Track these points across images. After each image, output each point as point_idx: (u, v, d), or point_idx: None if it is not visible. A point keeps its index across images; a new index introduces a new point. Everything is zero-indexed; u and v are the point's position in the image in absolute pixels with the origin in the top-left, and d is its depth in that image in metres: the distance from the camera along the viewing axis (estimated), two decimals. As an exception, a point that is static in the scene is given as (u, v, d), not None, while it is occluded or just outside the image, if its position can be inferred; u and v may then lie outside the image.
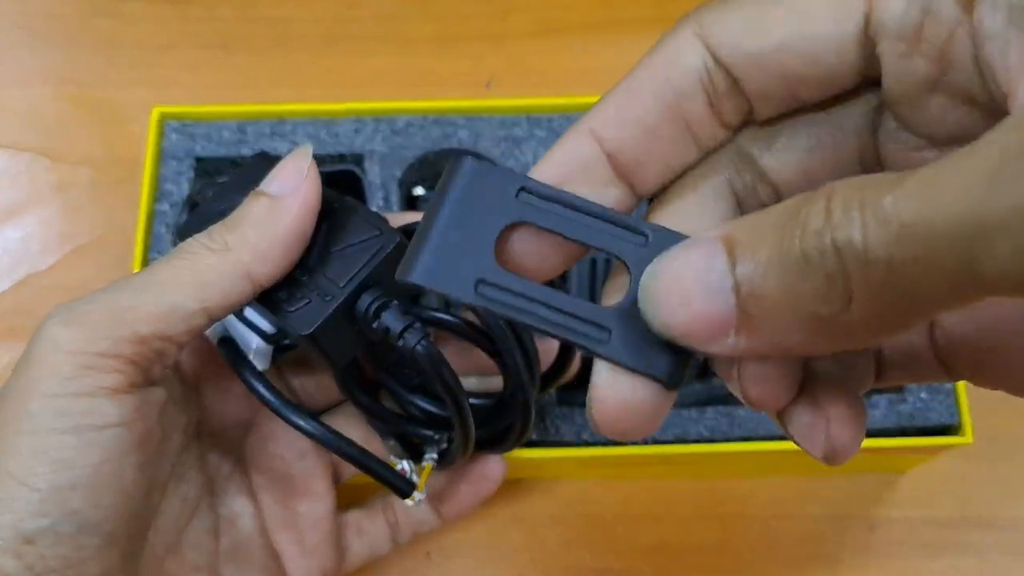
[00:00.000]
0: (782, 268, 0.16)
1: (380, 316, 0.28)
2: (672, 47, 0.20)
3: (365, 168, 0.41)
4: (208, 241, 0.28)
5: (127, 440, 0.26)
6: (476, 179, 0.20)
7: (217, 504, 0.33)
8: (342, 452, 0.30)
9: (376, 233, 0.29)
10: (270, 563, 0.34)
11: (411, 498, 0.31)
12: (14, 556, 0.24)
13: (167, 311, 0.26)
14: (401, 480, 0.31)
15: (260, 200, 0.28)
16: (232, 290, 0.27)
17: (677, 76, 0.20)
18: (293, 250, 0.28)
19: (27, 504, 0.25)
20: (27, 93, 0.51)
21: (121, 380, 0.26)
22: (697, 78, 0.20)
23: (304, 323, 0.28)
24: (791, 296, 0.16)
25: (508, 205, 0.20)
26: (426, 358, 0.28)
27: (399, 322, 0.28)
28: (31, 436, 0.25)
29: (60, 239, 0.48)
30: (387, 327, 0.28)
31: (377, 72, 0.51)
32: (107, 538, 0.26)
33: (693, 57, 0.20)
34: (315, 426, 0.29)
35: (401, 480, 0.31)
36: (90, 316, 0.26)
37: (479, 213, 0.20)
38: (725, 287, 0.17)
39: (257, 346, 0.30)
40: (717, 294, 0.17)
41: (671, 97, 0.20)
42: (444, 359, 0.28)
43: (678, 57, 0.20)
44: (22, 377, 0.26)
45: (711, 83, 0.20)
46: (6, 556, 0.24)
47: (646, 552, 0.42)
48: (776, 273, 0.16)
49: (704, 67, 0.20)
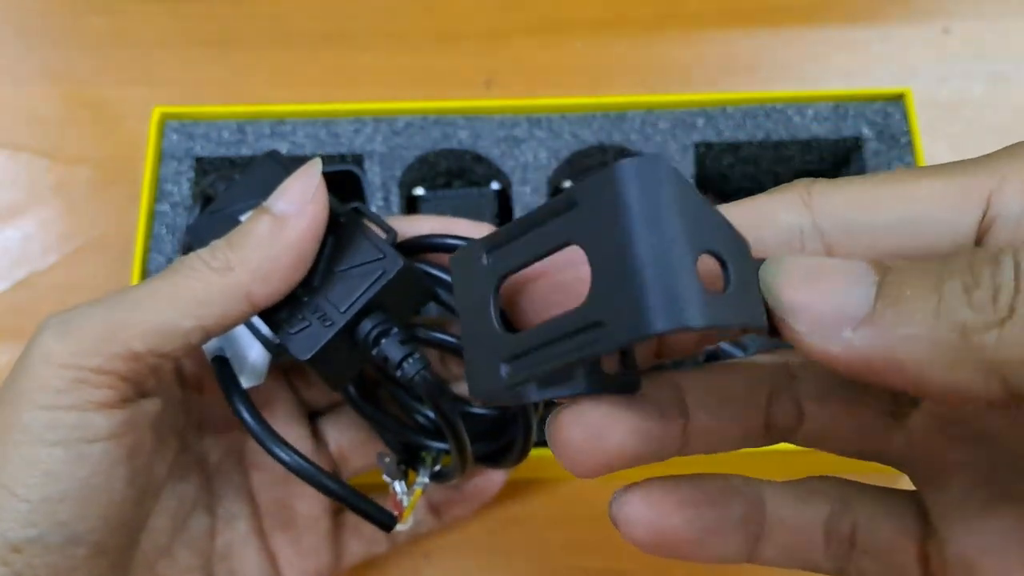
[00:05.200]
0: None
1: (380, 343, 0.28)
2: (773, 203, 0.19)
3: (365, 168, 0.41)
4: (209, 258, 0.27)
5: (117, 453, 0.26)
6: (462, 270, 0.20)
7: (215, 504, 0.33)
8: (321, 486, 0.29)
9: (379, 257, 0.28)
10: (265, 565, 0.34)
11: (394, 530, 0.31)
12: (2, 563, 0.24)
13: (163, 328, 0.26)
14: (382, 513, 0.31)
15: (264, 219, 0.28)
16: (230, 310, 0.27)
17: (769, 228, 0.19)
18: (295, 274, 0.28)
19: (16, 514, 0.25)
20: (23, 92, 0.50)
21: (112, 395, 0.26)
22: (788, 236, 0.19)
23: (303, 348, 0.28)
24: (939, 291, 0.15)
25: (484, 274, 0.19)
26: (424, 388, 0.28)
27: (398, 351, 0.28)
28: (21, 447, 0.25)
29: (60, 239, 0.48)
30: (386, 356, 0.28)
31: (376, 70, 0.51)
32: (95, 548, 0.26)
33: (793, 216, 0.19)
34: (295, 459, 0.29)
35: (382, 513, 0.31)
36: (84, 330, 0.26)
37: (475, 301, 0.19)
38: (869, 276, 0.16)
39: (254, 359, 0.30)
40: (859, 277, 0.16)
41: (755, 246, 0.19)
42: (443, 388, 0.28)
43: (777, 212, 0.19)
44: (13, 388, 0.26)
45: (801, 245, 0.19)
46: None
47: (647, 555, 0.42)
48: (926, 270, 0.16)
49: (799, 228, 0.19)
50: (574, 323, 0.17)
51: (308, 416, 0.36)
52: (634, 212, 0.16)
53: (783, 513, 0.20)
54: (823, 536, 0.20)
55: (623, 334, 0.16)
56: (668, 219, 0.16)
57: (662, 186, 0.16)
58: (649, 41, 0.51)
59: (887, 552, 0.20)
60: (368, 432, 0.36)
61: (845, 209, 0.19)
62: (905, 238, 0.18)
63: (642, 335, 0.15)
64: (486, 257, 0.19)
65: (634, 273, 0.15)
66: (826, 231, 0.19)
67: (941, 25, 0.51)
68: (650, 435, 0.19)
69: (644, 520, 0.19)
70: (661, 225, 0.16)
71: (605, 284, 0.16)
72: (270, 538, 0.35)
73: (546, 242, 0.18)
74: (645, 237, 0.16)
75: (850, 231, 0.19)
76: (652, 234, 0.16)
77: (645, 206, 0.16)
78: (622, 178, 0.16)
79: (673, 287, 0.15)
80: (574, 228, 0.17)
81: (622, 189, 0.16)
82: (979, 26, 0.51)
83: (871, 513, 0.20)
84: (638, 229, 0.16)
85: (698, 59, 0.51)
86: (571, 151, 0.41)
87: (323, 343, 0.28)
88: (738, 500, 0.20)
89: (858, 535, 0.20)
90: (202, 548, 0.32)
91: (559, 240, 0.17)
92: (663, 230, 0.16)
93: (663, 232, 0.16)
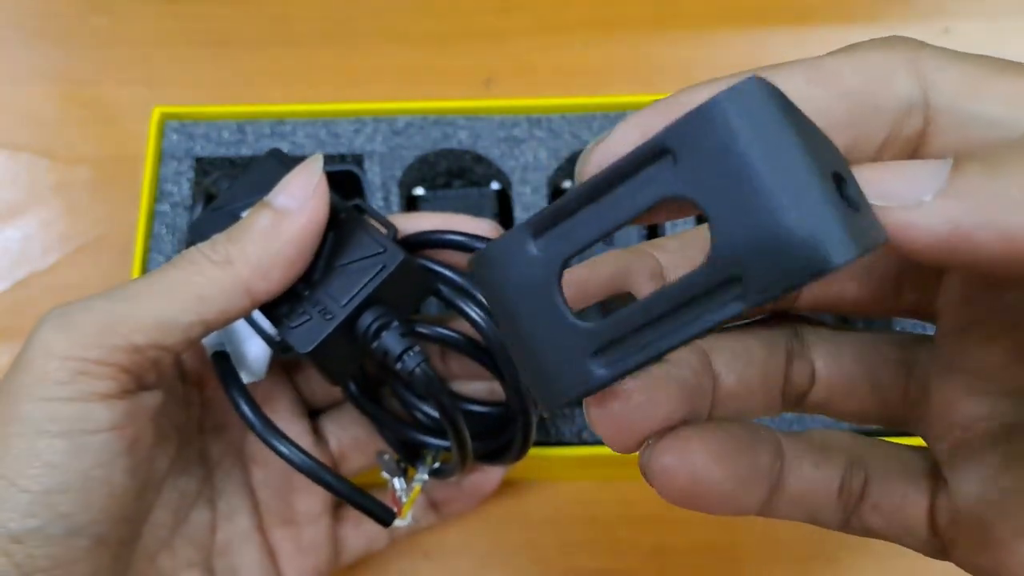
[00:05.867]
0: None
1: (380, 337, 0.28)
2: (887, 63, 0.17)
3: (365, 168, 0.41)
4: (210, 252, 0.27)
5: (118, 445, 0.26)
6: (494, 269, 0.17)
7: (216, 499, 0.34)
8: (321, 481, 0.29)
9: (380, 251, 0.29)
10: (264, 560, 0.34)
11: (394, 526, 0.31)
12: (2, 554, 0.24)
13: (164, 322, 0.26)
14: (381, 509, 0.31)
15: (265, 213, 0.28)
16: (230, 304, 0.27)
17: (886, 98, 0.17)
18: (294, 268, 0.28)
19: (17, 505, 0.25)
20: (23, 92, 0.51)
21: (114, 386, 0.26)
22: (896, 110, 0.17)
23: (304, 341, 0.28)
24: None
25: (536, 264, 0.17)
26: (424, 382, 0.28)
27: (398, 344, 0.28)
28: (22, 439, 0.25)
29: (60, 239, 0.48)
30: (386, 349, 0.28)
31: (376, 69, 0.51)
32: (97, 540, 0.26)
33: (907, 86, 0.17)
34: (296, 453, 0.29)
35: (381, 509, 0.31)
36: (85, 323, 0.26)
37: (529, 298, 0.17)
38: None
39: (255, 355, 0.30)
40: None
41: (861, 109, 0.17)
42: (442, 383, 0.28)
43: (896, 77, 0.17)
44: (15, 380, 0.26)
45: (904, 122, 0.17)
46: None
47: (646, 553, 0.42)
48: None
49: (909, 102, 0.17)
50: (694, 287, 0.15)
51: (309, 414, 0.36)
52: (754, 148, 0.14)
53: (802, 466, 0.20)
54: (837, 491, 0.20)
55: (784, 279, 0.14)
56: (792, 147, 0.14)
57: (771, 111, 0.14)
58: (649, 41, 0.51)
59: (897, 508, 0.20)
60: (368, 430, 0.36)
61: (961, 93, 0.17)
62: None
63: (816, 272, 0.14)
64: (533, 245, 0.17)
65: (778, 212, 0.14)
66: (937, 113, 0.17)
67: (942, 25, 0.51)
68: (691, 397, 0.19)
69: (684, 471, 0.18)
70: (788, 155, 0.14)
71: (736, 234, 0.14)
72: (270, 534, 0.35)
73: (628, 205, 0.16)
74: (777, 172, 0.14)
75: (964, 125, 0.17)
76: (783, 167, 0.14)
77: (763, 138, 0.14)
78: (727, 112, 0.14)
79: (830, 218, 0.14)
80: (673, 180, 0.15)
81: (732, 124, 0.14)
82: (979, 26, 0.51)
83: (884, 468, 0.20)
84: (765, 165, 0.14)
85: (698, 59, 0.51)
86: (571, 151, 0.41)
87: (323, 336, 0.28)
88: (765, 449, 0.19)
89: (869, 490, 0.20)
90: (202, 543, 0.33)
91: (651, 198, 0.15)
92: (792, 160, 0.14)
93: (793, 163, 0.14)
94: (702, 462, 0.18)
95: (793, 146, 0.14)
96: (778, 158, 0.14)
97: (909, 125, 0.17)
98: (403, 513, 0.32)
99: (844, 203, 0.14)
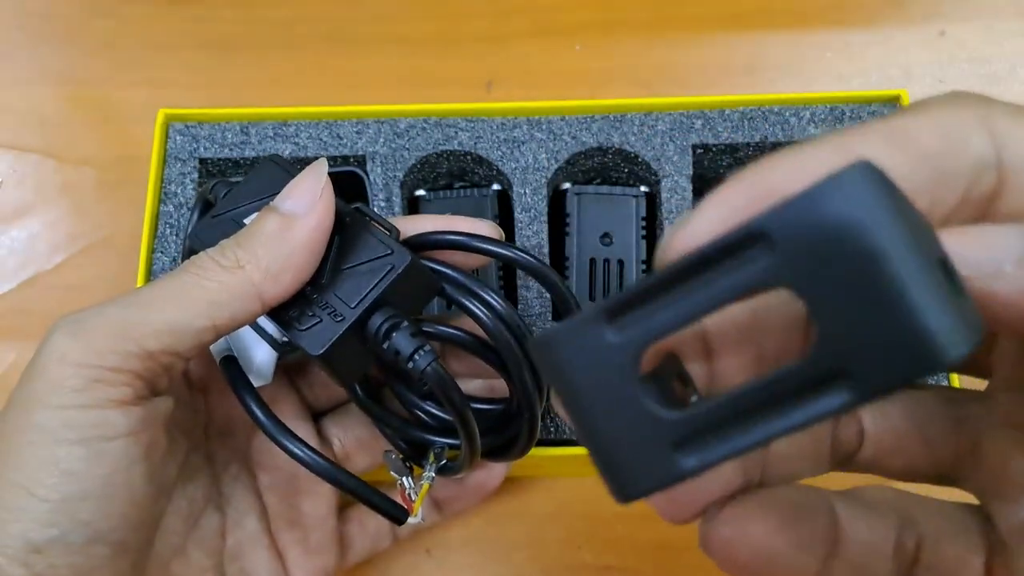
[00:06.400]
0: None
1: (391, 337, 0.28)
2: (960, 125, 0.16)
3: (367, 170, 0.42)
4: (220, 257, 0.27)
5: (135, 450, 0.26)
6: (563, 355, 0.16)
7: (224, 504, 0.34)
8: (333, 480, 0.30)
9: (387, 252, 0.29)
10: (274, 563, 0.34)
11: (406, 523, 0.31)
12: (22, 565, 0.24)
13: (176, 328, 0.26)
14: (394, 507, 0.31)
15: (272, 217, 0.28)
16: (241, 309, 0.27)
17: (962, 158, 0.16)
18: (304, 271, 0.28)
19: (36, 514, 0.24)
20: (29, 94, 0.51)
21: (129, 393, 0.26)
22: (971, 171, 0.16)
23: (315, 344, 0.28)
24: None
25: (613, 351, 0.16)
26: (436, 380, 0.28)
27: (409, 344, 0.28)
28: (39, 447, 0.25)
29: (66, 239, 0.48)
30: (397, 349, 0.28)
31: (378, 72, 0.51)
32: (117, 547, 0.26)
33: (981, 145, 0.16)
34: (308, 454, 0.29)
35: (394, 507, 0.31)
36: (99, 330, 0.26)
37: (604, 384, 0.16)
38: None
39: (260, 360, 0.31)
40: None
41: (940, 172, 0.16)
42: (453, 381, 0.28)
43: (967, 136, 0.16)
44: (28, 388, 0.26)
45: (977, 183, 0.16)
46: (14, 565, 0.24)
47: (647, 551, 0.42)
48: None
49: (982, 164, 0.16)
50: (793, 380, 0.14)
51: (312, 417, 0.36)
52: (865, 240, 0.14)
53: (857, 528, 0.19)
54: (891, 553, 0.19)
55: (901, 375, 0.13)
56: (902, 238, 0.13)
57: (880, 200, 0.14)
58: (648, 44, 0.52)
59: (953, 571, 0.19)
60: (371, 431, 0.36)
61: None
62: None
63: (936, 368, 0.13)
64: (610, 331, 0.16)
65: (894, 309, 0.13)
66: (1011, 173, 0.16)
67: (937, 28, 0.52)
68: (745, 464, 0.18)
69: (745, 545, 0.18)
70: (900, 247, 0.13)
71: (845, 328, 0.14)
72: (278, 537, 0.35)
73: (717, 291, 0.15)
74: (891, 265, 0.13)
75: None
76: (896, 259, 0.13)
77: (874, 229, 0.14)
78: (835, 202, 0.14)
79: (945, 313, 0.13)
80: (770, 267, 0.14)
81: (841, 215, 0.14)
82: (975, 28, 0.52)
83: (936, 528, 0.19)
84: (878, 261, 0.13)
85: (696, 62, 0.51)
86: (571, 153, 0.41)
87: (335, 338, 0.28)
88: (820, 513, 0.19)
89: (923, 552, 0.19)
90: (214, 548, 0.33)
91: (744, 285, 0.15)
92: (904, 252, 0.13)
93: (906, 255, 0.13)
94: (763, 533, 0.18)
95: (903, 236, 0.14)
96: (891, 251, 0.13)
97: (982, 185, 0.16)
98: (415, 510, 0.32)
99: (954, 293, 0.14)
